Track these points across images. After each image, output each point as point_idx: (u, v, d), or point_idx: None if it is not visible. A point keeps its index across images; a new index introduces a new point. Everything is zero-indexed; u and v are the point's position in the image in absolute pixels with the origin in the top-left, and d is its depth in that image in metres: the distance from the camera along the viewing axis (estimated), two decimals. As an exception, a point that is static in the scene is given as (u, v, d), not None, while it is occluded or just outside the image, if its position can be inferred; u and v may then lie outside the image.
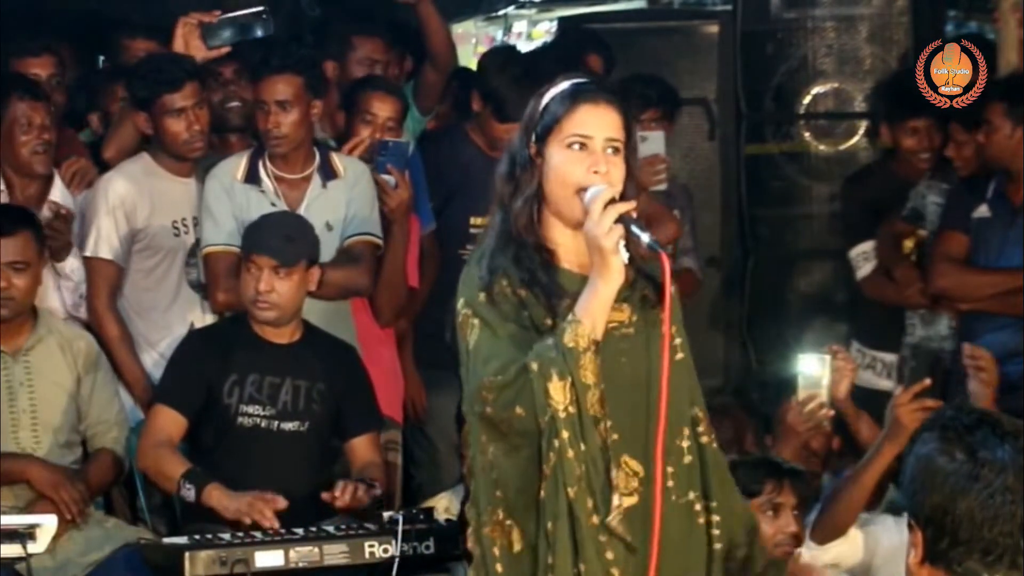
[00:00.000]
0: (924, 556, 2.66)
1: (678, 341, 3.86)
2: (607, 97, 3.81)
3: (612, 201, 3.67)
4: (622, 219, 3.65)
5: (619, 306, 3.78)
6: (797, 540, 4.86)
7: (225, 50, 6.02)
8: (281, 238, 5.47)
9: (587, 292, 3.69)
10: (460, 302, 3.80)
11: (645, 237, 3.67)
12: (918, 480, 2.67)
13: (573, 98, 3.79)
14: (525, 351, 3.70)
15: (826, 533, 5.04)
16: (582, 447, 3.66)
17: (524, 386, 3.66)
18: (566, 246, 3.81)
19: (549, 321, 3.74)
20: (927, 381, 5.11)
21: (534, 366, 3.66)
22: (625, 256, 3.66)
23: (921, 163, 6.61)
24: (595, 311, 3.67)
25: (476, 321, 3.75)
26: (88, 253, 5.80)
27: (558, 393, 3.64)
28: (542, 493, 3.68)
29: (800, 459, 5.37)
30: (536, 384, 3.65)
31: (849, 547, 5.07)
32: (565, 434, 3.64)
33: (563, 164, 3.76)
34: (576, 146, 3.75)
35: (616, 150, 3.77)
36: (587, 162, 3.74)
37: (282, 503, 5.15)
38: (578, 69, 6.63)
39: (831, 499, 5.10)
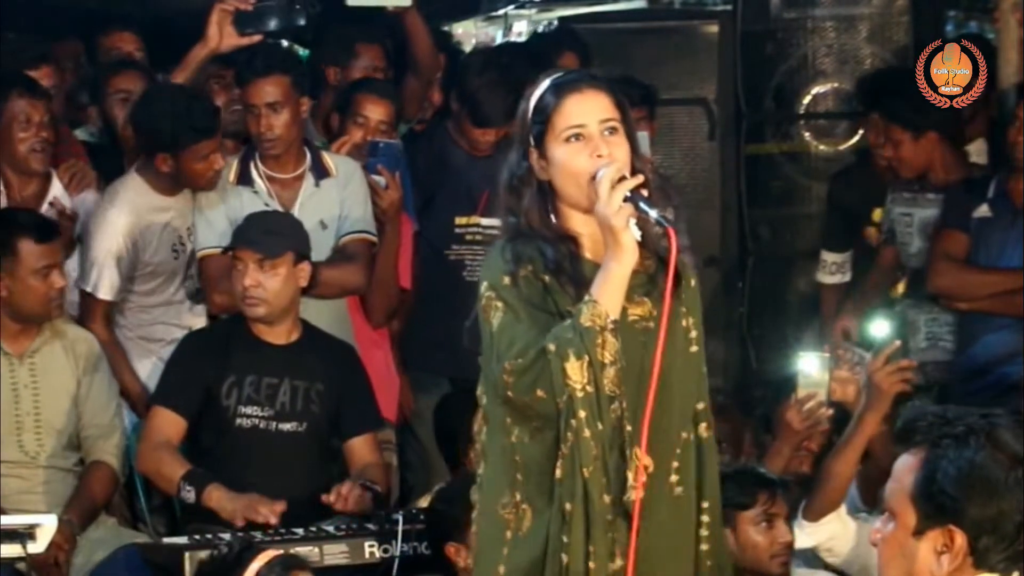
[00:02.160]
0: (972, 562, 2.66)
1: (694, 334, 3.87)
2: (589, 82, 3.83)
3: (621, 179, 3.68)
4: (630, 197, 3.66)
5: (640, 300, 3.80)
6: (790, 549, 4.87)
7: (257, 38, 6.01)
8: (263, 231, 5.47)
9: (601, 272, 3.71)
10: (483, 286, 3.81)
11: (653, 213, 3.67)
12: (967, 487, 2.66)
13: (557, 93, 3.80)
14: (546, 334, 3.70)
15: (819, 509, 5.04)
16: (599, 426, 3.68)
17: (543, 368, 3.68)
18: (588, 235, 3.82)
19: (573, 308, 3.74)
20: (898, 343, 5.13)
21: (552, 347, 3.67)
22: (637, 233, 3.68)
23: (879, 159, 6.60)
24: (610, 290, 3.69)
25: (499, 304, 3.76)
26: (88, 288, 5.77)
27: (575, 373, 3.66)
28: (558, 473, 3.70)
29: (796, 460, 5.37)
30: (554, 365, 3.66)
31: (842, 528, 5.07)
32: (582, 414, 3.67)
33: (566, 159, 3.77)
34: (573, 138, 3.76)
35: (614, 130, 3.77)
36: (587, 149, 3.75)
37: (282, 507, 5.14)
38: (553, 67, 6.65)
39: (821, 475, 5.10)
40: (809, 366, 5.24)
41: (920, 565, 2.69)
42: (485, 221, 6.26)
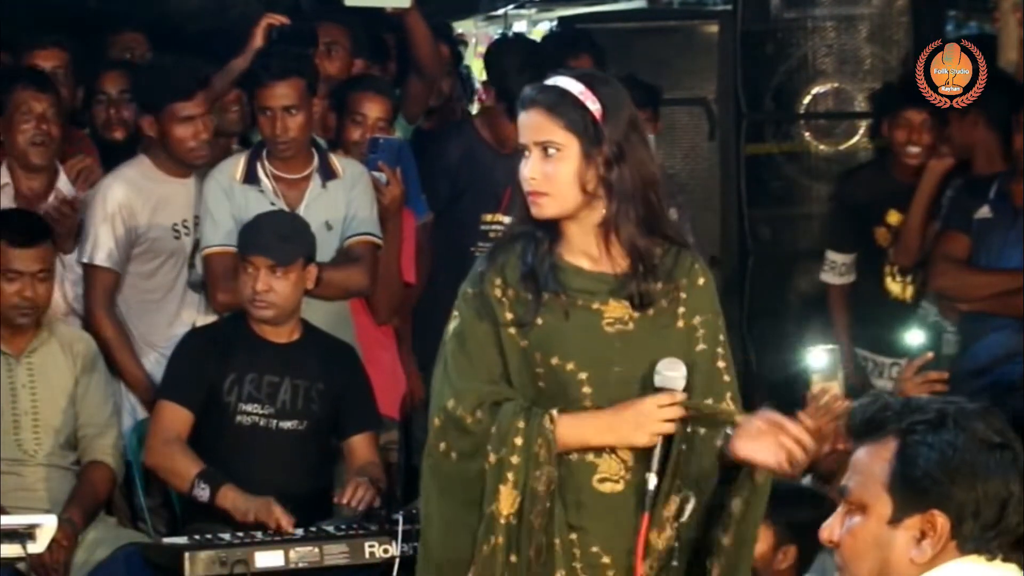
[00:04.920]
0: (955, 546, 2.64)
1: (701, 332, 3.86)
2: (539, 100, 3.80)
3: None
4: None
5: (619, 303, 3.80)
6: None
7: None
8: (277, 237, 5.47)
9: (595, 421, 3.76)
10: (462, 287, 3.89)
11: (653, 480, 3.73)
12: (951, 470, 2.64)
13: (520, 106, 3.85)
14: (496, 358, 3.78)
15: None
16: (512, 559, 3.73)
17: (476, 468, 3.74)
18: (570, 238, 3.84)
19: (537, 320, 3.78)
20: (930, 354, 5.11)
21: (492, 459, 3.73)
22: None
23: (908, 157, 6.58)
24: (579, 435, 3.74)
25: (457, 314, 3.86)
26: (85, 259, 5.78)
27: (506, 498, 3.72)
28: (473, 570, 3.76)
29: (831, 459, 5.13)
30: (489, 476, 3.73)
31: None
32: (500, 539, 3.73)
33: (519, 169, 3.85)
34: (524, 153, 3.82)
35: (557, 150, 3.76)
36: (525, 167, 3.80)
37: (290, 522, 5.12)
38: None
39: None
40: (818, 361, 5.18)
41: (898, 553, 2.67)
42: (508, 219, 6.24)
